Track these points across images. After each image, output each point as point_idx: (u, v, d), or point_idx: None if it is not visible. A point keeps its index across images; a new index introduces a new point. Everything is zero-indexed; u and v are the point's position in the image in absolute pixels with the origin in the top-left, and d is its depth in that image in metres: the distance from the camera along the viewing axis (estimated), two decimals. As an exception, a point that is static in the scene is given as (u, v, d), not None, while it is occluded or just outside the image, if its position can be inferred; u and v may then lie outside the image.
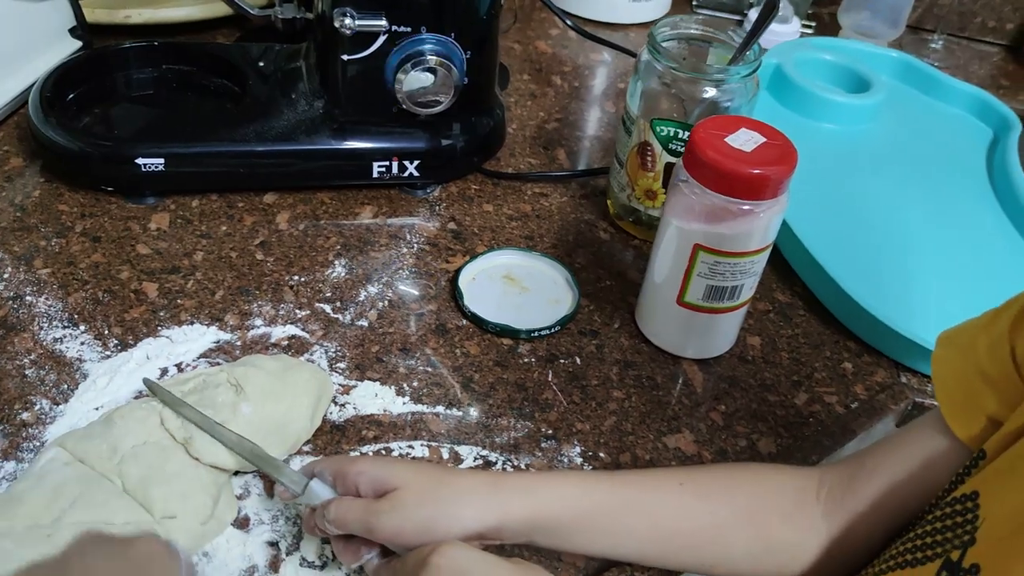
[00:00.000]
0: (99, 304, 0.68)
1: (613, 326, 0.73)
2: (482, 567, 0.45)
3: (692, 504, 0.53)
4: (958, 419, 0.49)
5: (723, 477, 0.56)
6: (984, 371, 0.48)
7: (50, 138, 0.76)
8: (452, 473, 0.52)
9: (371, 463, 0.51)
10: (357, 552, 0.51)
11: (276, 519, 0.56)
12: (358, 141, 0.79)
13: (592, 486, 0.53)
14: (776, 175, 0.61)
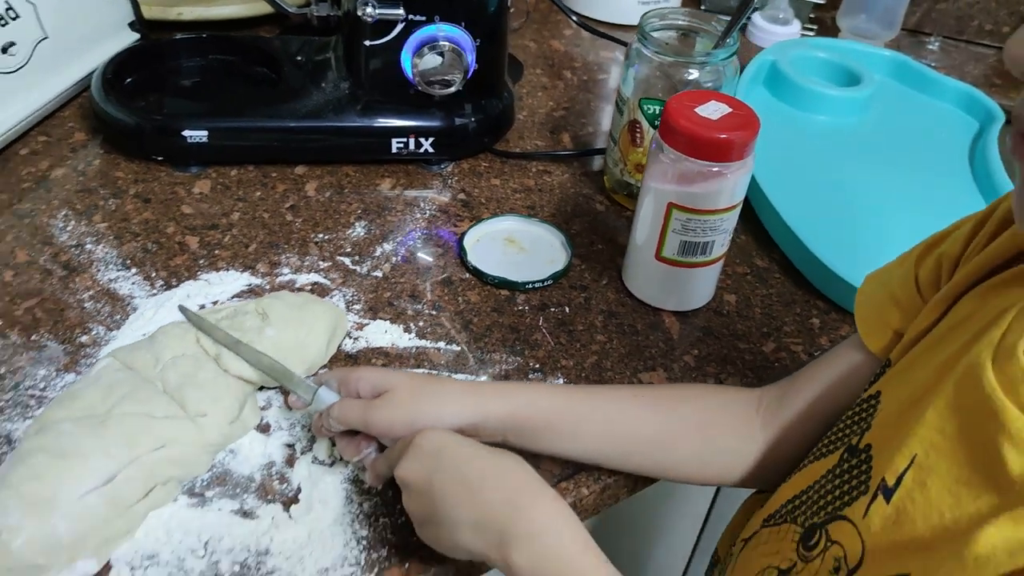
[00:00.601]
0: (148, 253, 0.78)
1: (601, 282, 0.81)
2: (455, 445, 0.54)
3: (645, 413, 0.61)
4: (870, 335, 0.57)
5: (674, 392, 0.64)
6: (894, 294, 0.56)
7: (110, 114, 0.86)
8: (439, 379, 0.61)
9: (370, 370, 0.60)
10: (358, 447, 0.59)
11: (293, 427, 0.65)
12: (379, 120, 0.88)
13: (559, 394, 0.61)
14: (740, 139, 0.69)
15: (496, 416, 0.58)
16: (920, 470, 0.45)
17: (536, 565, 0.48)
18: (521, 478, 0.52)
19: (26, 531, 0.53)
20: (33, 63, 0.87)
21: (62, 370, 0.67)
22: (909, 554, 0.44)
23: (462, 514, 0.51)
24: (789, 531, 0.54)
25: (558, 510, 0.51)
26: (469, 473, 0.52)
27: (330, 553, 0.58)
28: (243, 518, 0.59)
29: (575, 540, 0.50)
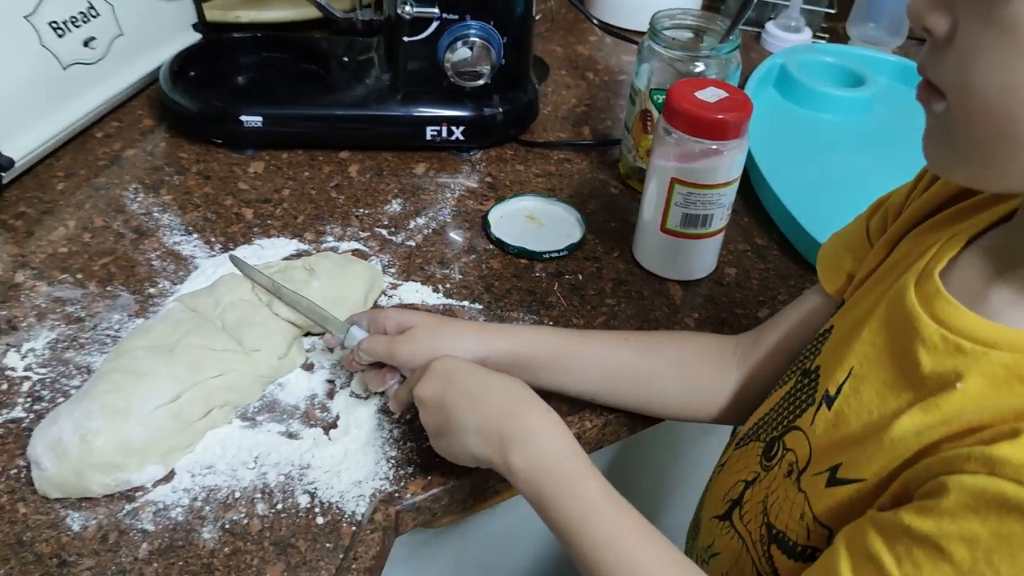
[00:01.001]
0: (208, 221, 0.88)
1: (612, 255, 0.89)
2: (465, 366, 0.62)
3: (631, 354, 0.69)
4: (828, 279, 0.65)
5: (658, 336, 0.73)
6: (848, 243, 0.64)
7: (176, 102, 0.97)
8: (454, 319, 0.70)
9: (395, 310, 0.69)
10: (383, 377, 0.68)
11: (334, 367, 0.74)
12: (415, 109, 0.98)
13: (558, 335, 0.69)
14: (735, 119, 0.77)
15: (501, 351, 0.66)
16: (855, 379, 0.53)
17: (531, 466, 0.56)
18: (518, 391, 0.60)
19: (106, 433, 0.62)
20: (110, 57, 0.97)
21: (133, 316, 0.77)
22: (843, 449, 0.52)
23: (468, 421, 0.59)
24: (754, 448, 0.62)
25: (549, 419, 0.58)
26: (475, 388, 0.60)
27: (363, 468, 0.66)
28: (288, 439, 0.68)
29: (564, 444, 0.57)
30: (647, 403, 0.70)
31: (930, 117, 0.47)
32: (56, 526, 0.61)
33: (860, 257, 0.62)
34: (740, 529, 0.60)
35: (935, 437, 0.47)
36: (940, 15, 0.44)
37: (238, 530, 0.62)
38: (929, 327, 0.49)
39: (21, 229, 0.85)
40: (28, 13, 0.90)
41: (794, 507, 0.55)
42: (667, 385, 0.69)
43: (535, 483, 0.56)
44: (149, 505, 0.63)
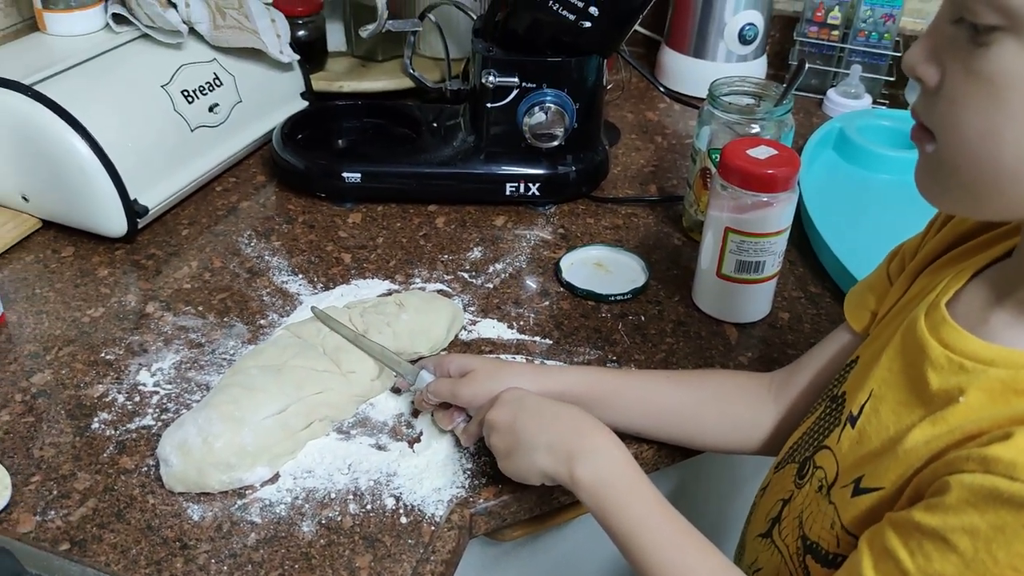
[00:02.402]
0: (311, 264, 0.99)
1: (673, 299, 0.97)
2: (532, 395, 0.71)
3: (674, 390, 0.76)
4: (854, 317, 0.71)
5: (699, 374, 0.80)
6: (871, 285, 0.71)
7: (286, 160, 1.10)
8: (510, 362, 0.79)
9: (458, 356, 0.78)
10: (451, 417, 0.77)
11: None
12: (497, 168, 1.08)
13: (606, 374, 0.78)
14: (783, 174, 0.85)
15: (552, 391, 0.74)
16: (875, 399, 0.60)
17: (596, 478, 0.64)
18: (582, 415, 0.69)
19: (224, 437, 0.72)
20: (230, 120, 1.11)
21: (245, 343, 0.88)
22: (866, 462, 0.59)
23: (539, 440, 0.67)
24: (789, 470, 0.68)
25: (611, 438, 0.66)
26: (544, 412, 0.69)
27: (442, 477, 0.75)
28: (378, 450, 0.77)
29: (625, 460, 0.65)
30: (690, 438, 0.77)
31: (922, 155, 0.54)
32: (179, 515, 0.71)
33: (881, 296, 0.69)
34: (779, 544, 0.67)
35: (941, 445, 0.53)
36: (930, 66, 0.51)
37: (333, 525, 0.71)
38: (936, 350, 0.56)
39: (151, 268, 0.98)
40: (165, 82, 1.04)
41: (825, 518, 0.61)
42: (707, 420, 0.76)
43: (599, 494, 0.63)
44: (257, 501, 0.73)
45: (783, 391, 0.76)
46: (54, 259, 0.99)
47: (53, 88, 0.95)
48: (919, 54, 0.52)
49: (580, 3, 0.97)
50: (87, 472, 0.74)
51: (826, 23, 1.37)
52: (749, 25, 1.34)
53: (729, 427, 0.76)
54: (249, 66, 1.14)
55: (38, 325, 0.89)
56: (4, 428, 0.78)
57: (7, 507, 0.71)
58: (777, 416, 0.76)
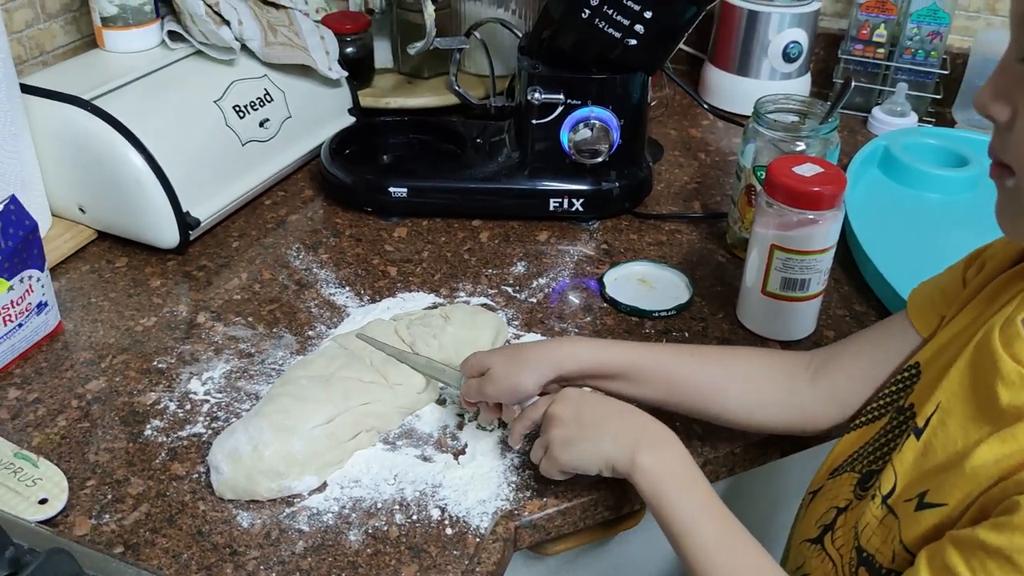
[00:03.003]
0: (358, 276, 1.00)
1: (717, 316, 0.97)
2: (596, 394, 0.73)
3: (698, 367, 0.76)
4: (921, 320, 0.71)
5: (728, 351, 0.80)
6: (943, 288, 0.70)
7: (333, 175, 1.11)
8: (521, 349, 0.77)
9: (474, 355, 0.78)
10: (496, 411, 0.78)
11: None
12: (540, 183, 1.09)
13: (623, 349, 0.76)
14: (829, 191, 0.85)
15: (570, 371, 0.75)
16: (942, 412, 0.60)
17: (657, 466, 0.65)
18: (644, 412, 0.70)
19: (274, 446, 0.74)
20: (280, 136, 1.13)
21: (294, 353, 0.89)
22: (931, 476, 0.59)
23: (606, 429, 0.68)
24: (848, 479, 0.68)
25: (676, 438, 0.68)
26: (609, 404, 0.71)
27: (487, 489, 0.76)
28: (423, 461, 0.78)
29: (685, 455, 0.67)
30: (714, 414, 0.76)
31: (1001, 192, 0.55)
32: (229, 522, 0.73)
33: (952, 301, 0.69)
34: (831, 552, 0.66)
35: (1012, 464, 0.53)
36: (1001, 104, 0.52)
37: (379, 535, 0.72)
38: (1008, 365, 0.55)
39: (202, 279, 1.00)
40: (217, 98, 1.07)
41: (885, 531, 0.61)
42: (730, 398, 0.75)
43: (659, 481, 0.65)
44: (305, 510, 0.74)
45: (823, 372, 0.75)
46: (108, 269, 1.01)
47: (111, 103, 0.98)
48: (989, 93, 0.53)
49: (626, 21, 0.98)
50: (140, 478, 0.76)
51: (871, 41, 1.37)
52: (793, 43, 1.34)
53: (754, 406, 0.76)
54: (299, 82, 1.17)
55: (93, 333, 0.92)
56: (61, 433, 0.80)
57: (64, 510, 0.73)
58: (812, 396, 0.75)
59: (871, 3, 1.35)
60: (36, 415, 0.82)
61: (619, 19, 0.98)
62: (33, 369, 0.87)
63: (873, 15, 1.35)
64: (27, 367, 0.87)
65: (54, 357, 0.88)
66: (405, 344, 0.85)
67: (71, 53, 1.16)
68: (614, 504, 0.77)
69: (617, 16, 0.98)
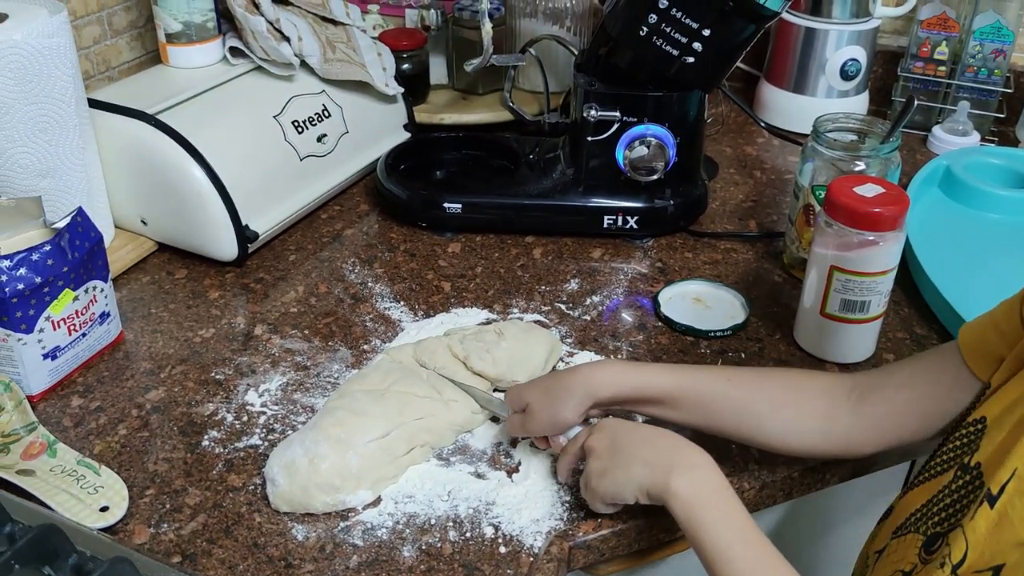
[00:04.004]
0: (413, 291, 1.01)
1: (774, 337, 0.96)
2: (628, 422, 0.72)
3: (733, 394, 0.74)
4: (978, 364, 0.67)
5: (764, 374, 0.78)
6: (998, 325, 0.67)
7: (389, 190, 1.12)
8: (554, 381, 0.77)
9: (513, 390, 0.79)
10: (545, 443, 0.78)
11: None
12: (594, 200, 1.09)
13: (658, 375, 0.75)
14: (891, 213, 0.84)
15: (607, 399, 0.74)
16: (1019, 480, 0.56)
17: (692, 491, 0.64)
18: (679, 436, 0.70)
19: (330, 459, 0.74)
20: (337, 151, 1.14)
21: (349, 367, 0.90)
22: (1008, 549, 0.56)
23: (638, 456, 0.68)
24: (913, 540, 0.65)
25: (711, 460, 0.67)
26: (643, 431, 0.71)
27: (541, 509, 0.75)
28: (477, 478, 0.78)
29: (721, 480, 0.66)
30: (750, 438, 0.75)
31: None
32: (284, 535, 0.73)
33: (1011, 342, 0.65)
34: None
35: None
36: None
37: (433, 551, 0.72)
38: None
39: (259, 291, 1.01)
40: (276, 113, 1.08)
41: None
42: (766, 424, 0.74)
43: (694, 506, 0.64)
44: (359, 524, 0.74)
45: (867, 400, 0.72)
46: (168, 280, 1.03)
47: (174, 118, 1.00)
48: None
49: (684, 39, 0.98)
50: (197, 488, 0.77)
51: (932, 58, 1.35)
52: (852, 60, 1.33)
53: (789, 432, 0.74)
54: (356, 98, 1.18)
55: (153, 344, 0.93)
56: (121, 442, 0.81)
57: (124, 518, 0.74)
58: (854, 423, 0.72)
59: (933, 20, 1.33)
60: (97, 423, 0.83)
61: (677, 37, 0.98)
62: (95, 378, 0.88)
63: (935, 32, 1.33)
64: (89, 376, 0.89)
65: (115, 367, 0.90)
66: (459, 360, 0.85)
67: (136, 68, 1.19)
68: (669, 526, 0.76)
69: (675, 34, 0.97)
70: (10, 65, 0.86)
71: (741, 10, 0.96)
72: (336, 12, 1.20)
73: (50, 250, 0.81)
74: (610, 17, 1.02)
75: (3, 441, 0.79)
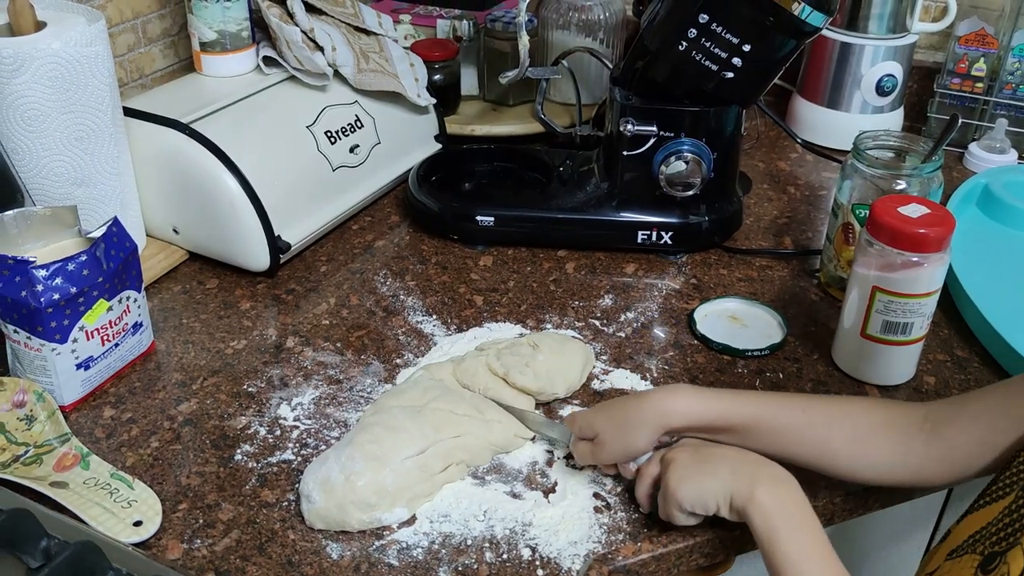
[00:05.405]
0: (445, 305, 1.00)
1: (812, 357, 0.94)
2: (707, 445, 0.73)
3: (810, 430, 0.73)
4: None
5: (837, 407, 0.76)
6: None
7: (420, 202, 1.11)
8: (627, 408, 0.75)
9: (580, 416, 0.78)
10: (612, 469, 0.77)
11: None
12: (628, 215, 1.08)
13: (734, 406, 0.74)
14: (936, 234, 0.82)
15: (678, 428, 0.74)
16: None
17: (776, 502, 0.65)
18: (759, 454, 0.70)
19: (366, 476, 0.73)
20: (369, 162, 1.14)
21: (383, 381, 0.89)
22: None
23: (723, 463, 0.69)
24: (969, 560, 0.63)
25: (792, 478, 0.67)
26: (728, 448, 0.72)
27: (578, 531, 0.74)
28: (513, 498, 0.77)
29: (803, 497, 0.66)
30: (821, 470, 0.74)
31: None
32: (318, 553, 0.72)
33: None
34: None
35: None
36: None
37: (469, 573, 0.71)
38: None
39: (291, 302, 1.01)
40: (309, 123, 1.08)
41: None
42: (840, 459, 0.73)
43: (776, 517, 0.64)
44: (394, 543, 0.73)
45: (939, 433, 0.71)
46: (199, 290, 1.02)
47: (208, 127, 1.00)
48: None
49: (724, 54, 0.96)
50: (231, 503, 0.76)
51: (969, 75, 1.33)
52: (888, 76, 1.31)
53: (865, 466, 0.74)
54: (388, 109, 1.17)
55: (184, 355, 0.92)
56: (153, 455, 0.81)
57: (157, 533, 0.73)
58: (926, 456, 0.71)
59: (971, 36, 1.31)
60: (130, 435, 0.83)
61: (717, 52, 0.96)
62: (127, 389, 0.88)
63: (972, 48, 1.32)
64: (121, 386, 0.88)
65: (147, 377, 0.89)
66: (498, 376, 0.84)
67: (169, 77, 1.19)
68: (710, 551, 0.74)
69: (715, 49, 0.96)
70: (48, 74, 0.85)
71: (782, 26, 0.95)
72: (369, 22, 1.20)
73: (86, 260, 0.80)
74: (649, 31, 1.01)
75: (36, 452, 0.78)
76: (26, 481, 0.75)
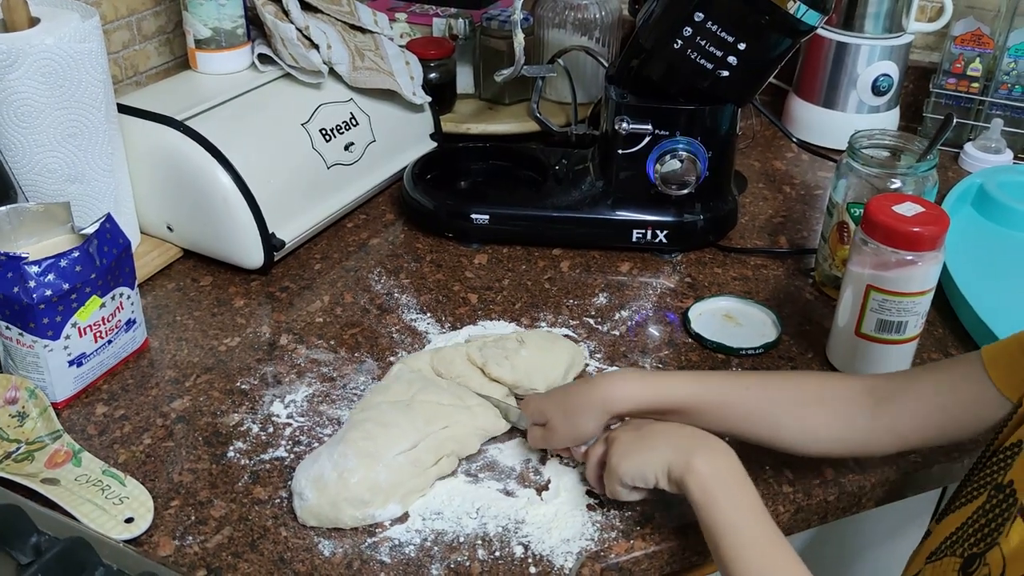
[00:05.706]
0: (439, 303, 1.00)
1: (807, 356, 0.94)
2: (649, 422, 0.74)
3: (750, 403, 0.74)
4: (1008, 384, 0.67)
5: (779, 380, 0.77)
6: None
7: (415, 200, 1.11)
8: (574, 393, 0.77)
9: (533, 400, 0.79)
10: (566, 452, 0.78)
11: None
12: (623, 213, 1.08)
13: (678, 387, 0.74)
14: (930, 232, 0.82)
15: (624, 412, 0.75)
16: None
17: (712, 471, 0.66)
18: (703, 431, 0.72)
19: (359, 472, 0.73)
20: (364, 159, 1.13)
21: (376, 379, 0.89)
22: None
23: (662, 438, 0.71)
24: (950, 563, 0.64)
25: (732, 451, 0.68)
26: (669, 424, 0.73)
27: (571, 528, 0.74)
28: (505, 496, 0.77)
29: (740, 467, 0.68)
30: (769, 442, 0.75)
31: None
32: (310, 550, 0.72)
33: None
34: None
35: None
36: None
37: (462, 570, 0.70)
38: None
39: (284, 300, 1.00)
40: (304, 121, 1.07)
41: None
42: (783, 429, 0.74)
43: (712, 484, 0.66)
44: (387, 540, 0.73)
45: (886, 406, 0.72)
46: (193, 288, 1.02)
47: (202, 124, 0.99)
48: None
49: (719, 52, 0.96)
50: (223, 500, 0.76)
51: (965, 75, 1.33)
52: (884, 76, 1.31)
53: (810, 439, 0.74)
54: (383, 107, 1.17)
55: (178, 352, 0.92)
56: (146, 451, 0.80)
57: (148, 530, 0.73)
58: (871, 426, 0.72)
59: (967, 36, 1.31)
60: (122, 432, 0.82)
61: (712, 50, 0.96)
62: (120, 386, 0.88)
63: (968, 48, 1.32)
64: (114, 383, 0.88)
65: (140, 374, 0.89)
66: (476, 366, 0.85)
67: (164, 74, 1.19)
68: (702, 549, 0.74)
69: (710, 47, 0.96)
70: (42, 70, 0.85)
71: (777, 24, 0.95)
72: (364, 20, 1.20)
73: (79, 256, 0.80)
74: (644, 29, 1.01)
75: (28, 449, 0.78)
76: (17, 478, 0.74)
